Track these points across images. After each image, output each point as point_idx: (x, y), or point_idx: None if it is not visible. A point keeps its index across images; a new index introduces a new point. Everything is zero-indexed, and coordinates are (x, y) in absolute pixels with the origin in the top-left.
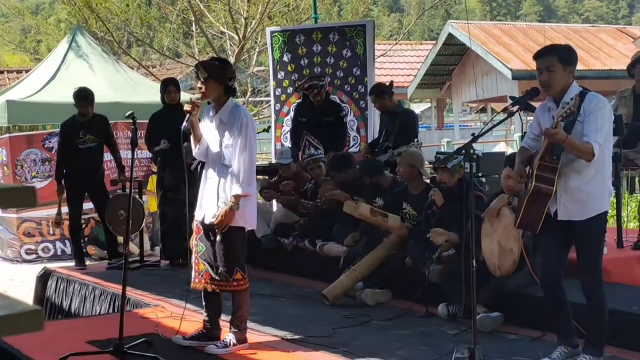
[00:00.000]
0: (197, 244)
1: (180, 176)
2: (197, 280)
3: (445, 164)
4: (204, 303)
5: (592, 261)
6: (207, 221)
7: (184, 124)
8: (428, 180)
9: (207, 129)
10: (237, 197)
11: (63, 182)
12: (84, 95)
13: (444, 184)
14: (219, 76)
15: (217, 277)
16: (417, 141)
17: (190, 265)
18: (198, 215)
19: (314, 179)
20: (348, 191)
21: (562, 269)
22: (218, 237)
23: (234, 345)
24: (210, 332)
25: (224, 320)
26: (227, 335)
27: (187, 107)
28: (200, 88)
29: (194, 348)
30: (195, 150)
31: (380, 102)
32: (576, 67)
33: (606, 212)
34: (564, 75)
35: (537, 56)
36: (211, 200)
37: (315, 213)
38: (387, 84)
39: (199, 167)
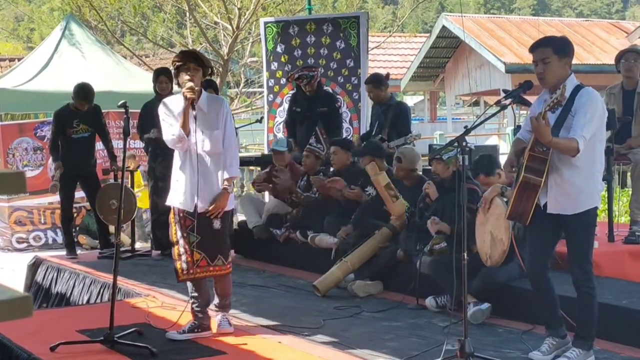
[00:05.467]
0: (186, 236)
1: (171, 166)
2: (191, 272)
3: (441, 156)
4: (195, 294)
5: (581, 254)
6: (200, 210)
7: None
8: (421, 173)
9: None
10: (230, 180)
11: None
12: (83, 95)
13: (437, 176)
14: (207, 68)
15: (214, 264)
16: (413, 135)
17: (174, 258)
18: (185, 206)
19: (305, 170)
20: (342, 177)
21: (549, 260)
22: (217, 224)
23: (230, 324)
24: (202, 321)
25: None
26: (223, 318)
27: (190, 94)
28: (193, 76)
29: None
30: (172, 138)
31: (376, 93)
32: (572, 59)
33: (596, 208)
34: (559, 66)
35: (533, 48)
36: (204, 188)
37: (307, 205)
38: (384, 75)
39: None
